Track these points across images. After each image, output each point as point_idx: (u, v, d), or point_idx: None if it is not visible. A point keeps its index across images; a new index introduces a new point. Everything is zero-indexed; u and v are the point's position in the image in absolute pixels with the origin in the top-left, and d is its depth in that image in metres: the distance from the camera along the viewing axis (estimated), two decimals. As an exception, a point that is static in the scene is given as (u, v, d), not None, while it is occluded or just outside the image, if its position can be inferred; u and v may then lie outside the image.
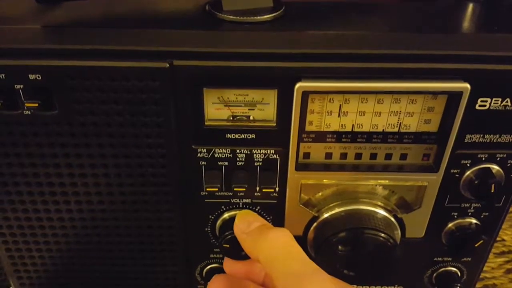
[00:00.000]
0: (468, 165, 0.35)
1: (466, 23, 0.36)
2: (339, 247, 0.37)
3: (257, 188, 0.37)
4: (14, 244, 0.40)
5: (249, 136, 0.34)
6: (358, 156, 0.36)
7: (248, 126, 0.34)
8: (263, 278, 0.36)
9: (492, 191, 0.35)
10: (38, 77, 0.31)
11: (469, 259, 0.42)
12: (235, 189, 0.36)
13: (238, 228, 0.33)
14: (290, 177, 0.36)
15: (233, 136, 0.34)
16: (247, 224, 0.32)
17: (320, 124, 0.34)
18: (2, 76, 0.31)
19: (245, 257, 0.36)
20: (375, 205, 0.37)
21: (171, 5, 0.37)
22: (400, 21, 0.36)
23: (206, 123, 0.34)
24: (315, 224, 0.38)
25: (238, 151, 0.35)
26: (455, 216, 0.39)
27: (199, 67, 0.31)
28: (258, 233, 0.31)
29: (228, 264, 0.36)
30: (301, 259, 0.28)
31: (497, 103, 0.32)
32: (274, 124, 0.34)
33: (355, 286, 0.44)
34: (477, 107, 0.32)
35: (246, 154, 0.35)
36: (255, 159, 0.35)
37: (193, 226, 0.39)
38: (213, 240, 0.40)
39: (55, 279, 0.43)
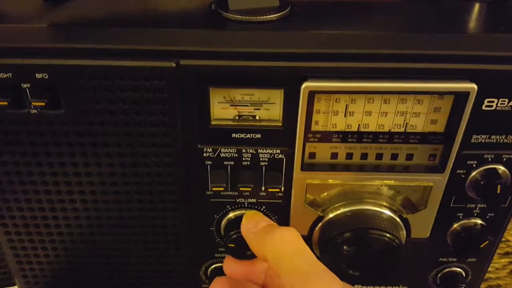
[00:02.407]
0: (474, 165, 0.35)
1: (473, 23, 0.36)
2: (344, 247, 0.37)
3: (263, 188, 0.37)
4: (20, 242, 0.40)
5: (255, 135, 0.34)
6: (364, 156, 0.36)
7: (254, 125, 0.34)
8: (263, 280, 0.36)
9: (498, 191, 0.35)
10: (45, 76, 0.31)
11: (474, 259, 0.42)
12: (240, 188, 0.36)
13: (246, 228, 0.33)
14: (296, 177, 0.36)
15: (239, 135, 0.34)
16: (254, 224, 0.32)
17: (326, 124, 0.34)
18: (9, 75, 0.31)
19: (250, 257, 0.36)
20: (381, 206, 0.37)
21: (177, 4, 0.37)
22: (407, 21, 0.36)
23: (212, 123, 0.34)
24: (320, 224, 0.38)
25: (244, 150, 0.35)
26: (461, 217, 0.39)
27: (205, 67, 0.31)
28: (265, 232, 0.31)
29: (228, 266, 0.36)
30: (309, 259, 0.28)
31: (504, 103, 0.32)
32: (280, 124, 0.34)
33: (360, 286, 0.44)
34: (483, 107, 0.32)
35: (251, 153, 0.35)
36: (261, 159, 0.35)
37: (198, 226, 0.39)
38: (218, 239, 0.40)
39: (60, 278, 0.43)
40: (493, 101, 0.32)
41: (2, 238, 0.39)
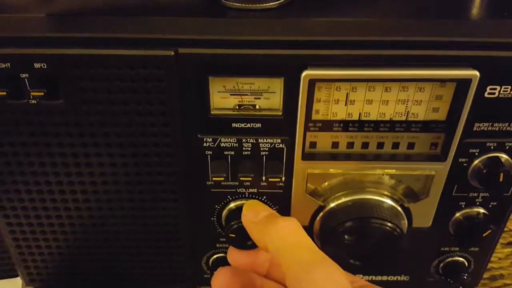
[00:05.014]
0: (476, 154, 0.35)
1: (476, 9, 0.35)
2: (346, 236, 0.37)
3: (263, 178, 0.36)
4: (21, 233, 0.40)
5: (255, 125, 0.34)
6: (365, 145, 0.35)
7: (254, 115, 0.34)
8: (266, 270, 0.36)
9: (501, 180, 0.35)
10: (43, 65, 0.30)
11: (477, 249, 0.42)
12: (241, 178, 0.36)
13: (246, 218, 0.33)
14: (296, 166, 0.36)
15: (239, 125, 0.34)
16: (255, 214, 0.32)
17: (327, 113, 0.34)
18: (7, 65, 0.30)
19: (251, 247, 0.36)
20: (382, 195, 0.37)
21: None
22: (409, 7, 0.35)
23: (212, 112, 0.34)
24: (321, 214, 0.38)
25: (244, 140, 0.35)
26: (463, 206, 0.38)
27: (205, 55, 0.30)
28: (266, 222, 0.31)
29: (232, 255, 0.36)
30: (310, 248, 0.28)
31: (507, 90, 0.32)
32: (280, 113, 0.34)
33: (361, 275, 0.44)
34: (486, 95, 0.32)
35: (252, 143, 0.35)
36: (261, 149, 0.35)
37: (199, 216, 0.39)
38: (219, 229, 0.40)
39: (62, 268, 0.43)
40: (495, 88, 0.32)
41: (3, 229, 0.39)
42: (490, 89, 0.32)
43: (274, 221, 0.30)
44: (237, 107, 0.34)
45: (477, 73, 0.31)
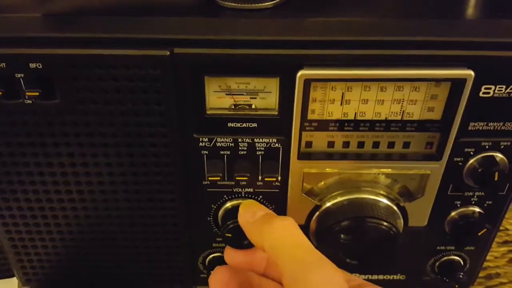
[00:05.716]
0: (471, 153, 0.35)
1: (470, 9, 0.35)
2: (342, 236, 0.37)
3: (259, 177, 0.36)
4: (17, 234, 0.40)
5: (251, 125, 0.34)
6: (361, 144, 0.36)
7: (250, 114, 0.34)
8: (264, 269, 0.36)
9: (496, 179, 0.35)
10: (39, 65, 0.30)
11: (472, 248, 0.42)
12: (237, 178, 0.36)
13: (243, 218, 0.33)
14: (293, 166, 0.36)
15: (235, 125, 0.34)
16: (251, 214, 0.32)
17: (323, 112, 0.34)
18: (3, 65, 0.30)
19: (248, 246, 0.36)
20: (378, 194, 0.37)
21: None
22: (404, 7, 0.36)
23: (207, 112, 0.34)
24: (317, 213, 0.38)
25: (240, 140, 0.35)
26: (458, 205, 0.38)
27: (200, 55, 0.31)
28: (263, 222, 0.31)
29: (229, 255, 0.36)
30: (307, 248, 0.28)
31: (501, 90, 0.32)
32: (276, 113, 0.34)
33: (357, 275, 0.44)
34: (481, 94, 0.32)
35: (248, 143, 0.35)
36: (257, 148, 0.35)
37: (196, 216, 0.39)
38: (216, 229, 0.40)
39: (59, 268, 0.43)
40: (490, 88, 0.32)
41: (-1, 229, 0.39)
42: (485, 88, 0.32)
43: (271, 221, 0.30)
44: (233, 107, 0.34)
45: (472, 73, 0.31)
